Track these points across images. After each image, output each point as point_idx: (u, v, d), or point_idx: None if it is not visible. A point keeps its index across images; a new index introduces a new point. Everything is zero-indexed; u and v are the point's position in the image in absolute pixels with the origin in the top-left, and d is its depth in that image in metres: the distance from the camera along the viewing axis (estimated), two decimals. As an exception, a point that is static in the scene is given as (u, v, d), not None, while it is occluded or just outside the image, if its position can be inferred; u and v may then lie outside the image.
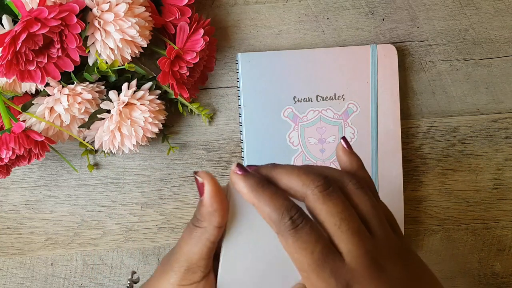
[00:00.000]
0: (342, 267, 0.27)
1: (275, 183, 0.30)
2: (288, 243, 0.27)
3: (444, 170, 0.54)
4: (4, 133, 0.42)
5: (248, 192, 0.29)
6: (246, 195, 0.29)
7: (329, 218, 0.27)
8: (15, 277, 0.54)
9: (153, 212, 0.53)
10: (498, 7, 0.52)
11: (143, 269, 0.54)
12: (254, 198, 0.28)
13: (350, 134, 0.51)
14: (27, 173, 0.53)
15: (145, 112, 0.46)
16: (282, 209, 0.28)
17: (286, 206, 0.28)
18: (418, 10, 0.52)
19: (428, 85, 0.53)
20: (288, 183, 0.29)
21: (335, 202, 0.28)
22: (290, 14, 0.52)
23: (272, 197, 0.28)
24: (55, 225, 0.53)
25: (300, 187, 0.29)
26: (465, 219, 0.55)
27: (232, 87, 0.53)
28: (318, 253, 0.27)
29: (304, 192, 0.28)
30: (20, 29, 0.37)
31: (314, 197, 0.28)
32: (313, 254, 0.26)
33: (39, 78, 0.41)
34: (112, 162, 0.53)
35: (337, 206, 0.28)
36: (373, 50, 0.51)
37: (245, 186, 0.29)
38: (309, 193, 0.28)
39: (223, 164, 0.53)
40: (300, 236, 0.27)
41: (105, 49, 0.42)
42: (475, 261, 0.56)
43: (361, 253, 0.27)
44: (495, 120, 0.54)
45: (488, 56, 0.53)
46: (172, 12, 0.45)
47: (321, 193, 0.28)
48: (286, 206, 0.28)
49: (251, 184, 0.29)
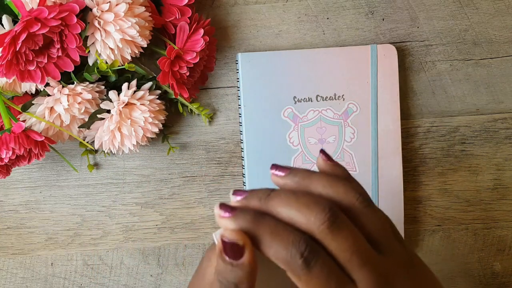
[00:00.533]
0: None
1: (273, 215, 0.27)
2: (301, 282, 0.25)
3: (444, 170, 0.54)
4: (4, 133, 0.42)
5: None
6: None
7: (340, 254, 0.26)
8: (15, 277, 0.54)
9: (153, 212, 0.53)
10: (498, 7, 0.52)
11: (143, 269, 0.54)
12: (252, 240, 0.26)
13: (350, 134, 0.51)
14: (27, 173, 0.53)
15: (145, 112, 0.46)
16: (290, 246, 0.25)
17: (292, 241, 0.25)
18: (418, 10, 0.52)
19: (428, 85, 0.53)
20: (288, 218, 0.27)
21: (344, 236, 0.26)
22: (290, 14, 0.52)
23: (273, 234, 0.25)
24: (55, 225, 0.53)
25: (304, 223, 0.26)
26: (465, 219, 0.55)
27: (232, 87, 0.53)
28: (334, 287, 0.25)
29: (309, 229, 0.26)
30: (20, 29, 0.37)
31: (322, 234, 0.26)
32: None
33: (39, 78, 0.41)
34: (112, 162, 0.53)
35: (347, 240, 0.26)
36: (373, 50, 0.51)
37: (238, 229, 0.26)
38: (315, 229, 0.26)
39: (223, 164, 0.53)
40: (313, 273, 0.25)
41: (105, 49, 0.42)
42: (475, 261, 0.56)
43: (373, 279, 0.26)
44: (495, 120, 0.54)
45: (488, 56, 0.53)
46: (172, 12, 0.45)
47: (329, 229, 0.26)
48: (292, 241, 0.25)
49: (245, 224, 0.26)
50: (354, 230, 0.27)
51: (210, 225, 0.54)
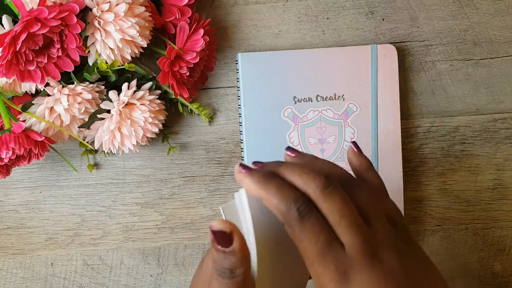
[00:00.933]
0: (342, 256, 0.28)
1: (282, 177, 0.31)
2: (295, 233, 0.29)
3: (444, 170, 0.54)
4: (4, 133, 0.42)
5: (255, 186, 0.30)
6: (253, 190, 0.30)
7: (330, 214, 0.29)
8: (15, 277, 0.54)
9: (153, 212, 0.53)
10: (498, 7, 0.52)
11: (143, 269, 0.54)
12: (262, 190, 0.29)
13: (350, 134, 0.51)
14: (27, 173, 0.53)
15: (145, 112, 0.46)
16: (289, 200, 0.29)
17: (292, 197, 0.29)
18: (418, 10, 0.52)
19: (428, 85, 0.53)
20: (292, 181, 0.30)
21: (335, 200, 0.29)
22: (290, 14, 0.52)
23: (278, 189, 0.29)
24: (55, 225, 0.53)
25: (302, 185, 0.30)
26: (465, 219, 0.55)
27: (232, 87, 0.53)
28: (322, 243, 0.28)
29: (306, 190, 0.30)
30: (20, 29, 0.37)
31: (316, 196, 0.29)
32: (317, 244, 0.28)
33: (39, 78, 0.41)
34: (112, 162, 0.53)
35: (337, 203, 0.29)
36: (373, 50, 0.51)
37: (252, 181, 0.30)
38: (311, 191, 0.29)
39: (223, 164, 0.53)
40: (305, 226, 0.28)
41: (105, 49, 0.42)
42: (475, 261, 0.56)
43: (359, 243, 0.28)
44: (495, 120, 0.54)
45: (488, 56, 0.53)
46: (172, 12, 0.45)
47: (322, 192, 0.29)
48: (292, 197, 0.29)
49: (258, 178, 0.30)
50: (345, 198, 0.30)
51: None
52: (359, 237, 0.28)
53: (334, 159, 0.51)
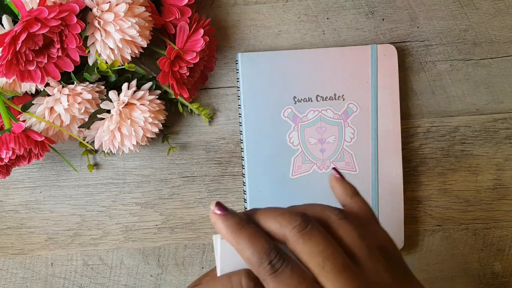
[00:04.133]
0: None
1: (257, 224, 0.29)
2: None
3: (444, 170, 0.54)
4: (4, 133, 0.42)
5: (227, 233, 0.28)
6: (225, 236, 0.28)
7: (312, 258, 0.26)
8: (15, 277, 0.54)
9: (153, 212, 0.53)
10: (498, 7, 0.52)
11: (143, 269, 0.54)
12: (233, 239, 0.27)
13: (350, 134, 0.51)
14: (27, 173, 0.53)
15: (145, 112, 0.46)
16: (261, 253, 0.26)
17: (265, 249, 0.27)
18: (418, 10, 0.52)
19: (428, 85, 0.53)
20: (266, 227, 0.28)
21: (316, 241, 0.26)
22: (290, 14, 0.52)
23: (250, 239, 0.27)
24: (55, 225, 0.53)
25: (278, 229, 0.27)
26: (465, 219, 0.55)
27: (232, 87, 0.53)
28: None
29: (283, 235, 0.27)
30: (20, 29, 0.37)
31: (294, 238, 0.27)
32: None
33: (39, 78, 0.41)
34: (112, 162, 0.53)
35: (319, 244, 0.26)
36: (373, 50, 0.51)
37: (224, 226, 0.28)
38: (288, 234, 0.27)
39: (223, 164, 0.53)
40: (280, 280, 0.26)
41: (105, 49, 0.42)
42: (475, 261, 0.56)
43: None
44: (495, 120, 0.54)
45: (488, 56, 0.53)
46: (172, 12, 0.45)
47: (300, 233, 0.27)
48: (265, 249, 0.27)
49: (231, 225, 0.28)
50: (326, 236, 0.27)
51: (210, 225, 0.54)
52: (347, 282, 0.25)
53: (334, 159, 0.51)
